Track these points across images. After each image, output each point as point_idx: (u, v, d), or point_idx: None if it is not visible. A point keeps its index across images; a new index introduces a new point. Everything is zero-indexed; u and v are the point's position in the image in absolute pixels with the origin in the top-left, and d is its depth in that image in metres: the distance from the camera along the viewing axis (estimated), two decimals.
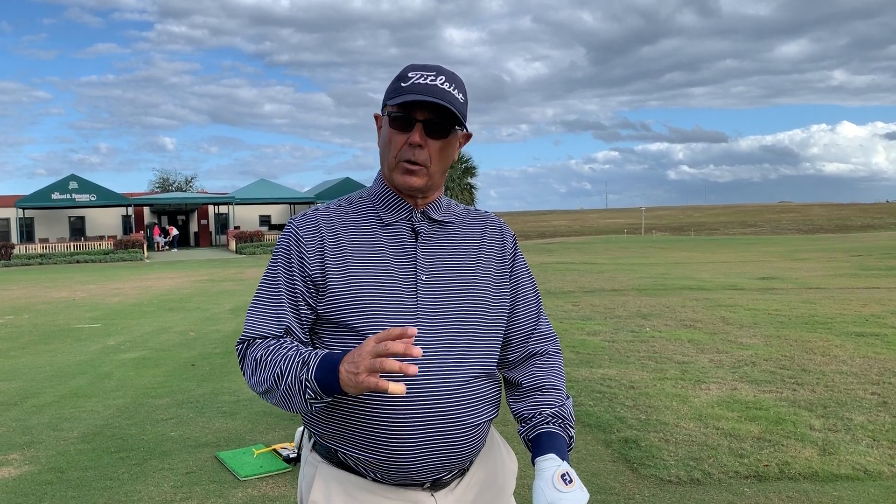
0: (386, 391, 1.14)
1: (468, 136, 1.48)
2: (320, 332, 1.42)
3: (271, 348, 1.34)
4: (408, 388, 1.35)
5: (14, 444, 4.68)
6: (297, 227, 1.44)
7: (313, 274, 1.39)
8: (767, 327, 8.52)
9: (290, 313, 1.39)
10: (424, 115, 1.37)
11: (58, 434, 4.87)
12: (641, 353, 7.12)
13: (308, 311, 1.40)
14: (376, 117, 1.48)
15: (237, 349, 1.41)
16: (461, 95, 1.40)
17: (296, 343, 1.36)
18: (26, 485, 3.92)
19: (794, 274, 17.00)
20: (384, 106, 1.42)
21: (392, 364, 1.14)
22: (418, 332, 1.37)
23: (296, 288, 1.40)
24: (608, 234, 65.51)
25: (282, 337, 1.39)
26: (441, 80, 1.37)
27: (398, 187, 1.44)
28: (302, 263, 1.40)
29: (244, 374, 1.39)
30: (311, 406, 1.29)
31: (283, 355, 1.31)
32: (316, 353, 1.28)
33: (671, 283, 14.77)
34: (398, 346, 1.14)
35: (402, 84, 1.38)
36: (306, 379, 1.25)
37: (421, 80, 1.37)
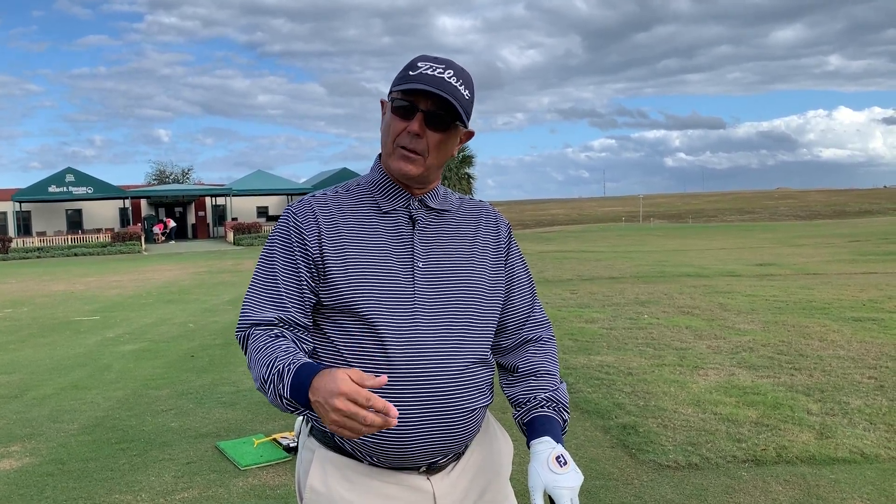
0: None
1: (470, 134, 1.48)
2: (318, 318, 1.43)
3: (260, 347, 1.32)
4: (405, 375, 1.36)
5: (15, 436, 4.69)
6: (295, 212, 1.44)
7: (315, 257, 1.39)
8: (765, 313, 8.54)
9: (288, 298, 1.38)
10: (427, 105, 1.37)
11: (58, 426, 4.88)
12: (639, 339, 7.14)
13: (311, 295, 1.40)
14: (382, 103, 1.48)
15: (237, 336, 1.40)
16: (467, 92, 1.40)
17: (281, 342, 1.32)
18: (28, 476, 3.93)
19: (792, 260, 17.03)
20: (391, 92, 1.43)
21: (373, 419, 1.11)
22: (416, 320, 1.38)
23: (298, 271, 1.39)
24: (606, 222, 65.56)
25: (279, 324, 1.37)
26: (449, 73, 1.38)
27: (393, 174, 1.44)
28: (304, 247, 1.39)
29: (247, 366, 1.39)
30: (298, 413, 1.30)
31: (267, 360, 1.28)
32: (290, 366, 1.24)
33: (669, 271, 14.79)
34: (374, 418, 1.11)
35: (410, 73, 1.38)
36: (282, 396, 1.24)
37: (429, 72, 1.37)
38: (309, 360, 1.26)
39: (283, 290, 1.38)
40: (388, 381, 1.35)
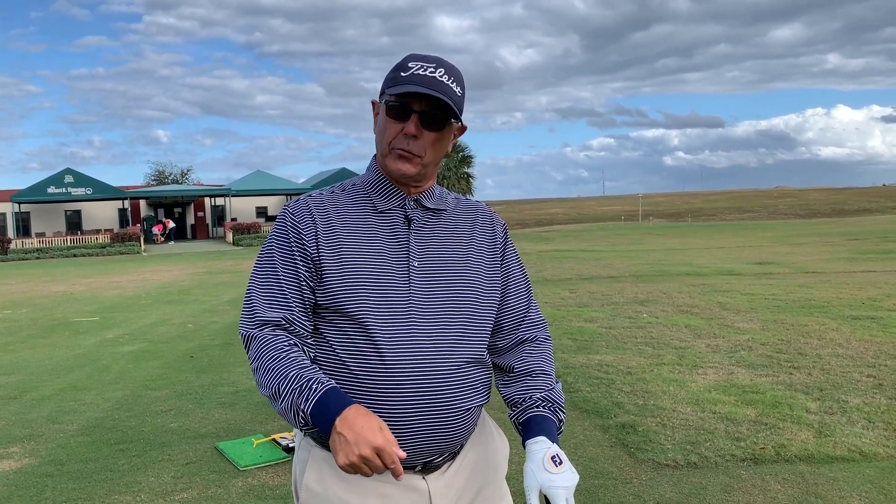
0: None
1: (463, 129, 1.49)
2: (315, 319, 1.43)
3: (275, 354, 1.32)
4: (400, 375, 1.36)
5: (14, 437, 4.69)
6: (292, 212, 1.45)
7: (312, 256, 1.40)
8: (764, 312, 8.54)
9: (292, 298, 1.38)
10: (421, 106, 1.38)
11: (58, 427, 4.88)
12: (638, 338, 7.15)
13: (311, 295, 1.40)
14: (373, 104, 1.49)
15: (242, 335, 1.39)
16: (459, 88, 1.41)
17: (296, 353, 1.34)
18: (27, 477, 3.93)
19: (791, 259, 17.03)
20: (382, 93, 1.43)
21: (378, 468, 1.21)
22: (411, 319, 1.38)
23: (298, 271, 1.39)
24: (605, 221, 65.52)
25: (284, 324, 1.37)
26: (440, 72, 1.38)
27: (391, 174, 1.45)
28: (302, 247, 1.40)
29: (251, 366, 1.38)
30: (304, 431, 1.34)
31: (284, 369, 1.29)
32: (317, 384, 1.26)
33: (668, 270, 14.79)
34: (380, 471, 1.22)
35: (402, 74, 1.38)
36: (300, 409, 1.26)
37: (420, 72, 1.37)
38: (335, 384, 1.29)
39: (286, 290, 1.39)
40: (383, 380, 1.36)
